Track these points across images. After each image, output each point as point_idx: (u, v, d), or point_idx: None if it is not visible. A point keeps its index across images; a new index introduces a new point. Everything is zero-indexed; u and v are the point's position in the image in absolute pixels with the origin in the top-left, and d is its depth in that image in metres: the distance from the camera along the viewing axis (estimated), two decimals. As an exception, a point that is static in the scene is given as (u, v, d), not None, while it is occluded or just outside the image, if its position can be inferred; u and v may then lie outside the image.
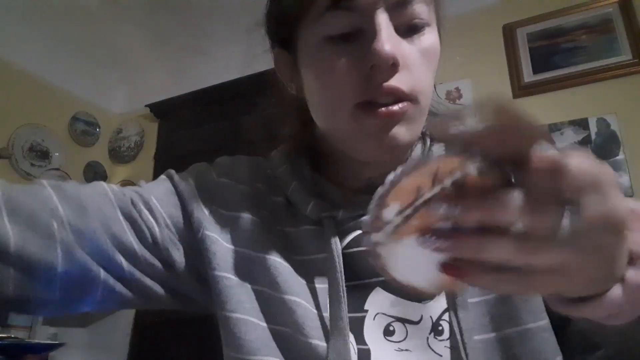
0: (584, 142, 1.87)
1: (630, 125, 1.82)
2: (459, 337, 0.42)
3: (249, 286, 0.47)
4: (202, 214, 0.51)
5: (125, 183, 3.00)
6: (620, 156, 1.80)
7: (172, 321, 2.53)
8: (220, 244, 0.49)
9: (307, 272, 0.48)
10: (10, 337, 1.73)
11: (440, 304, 0.45)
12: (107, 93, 3.15)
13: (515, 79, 2.05)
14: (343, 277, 0.45)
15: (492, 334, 0.44)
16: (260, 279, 0.47)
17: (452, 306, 0.44)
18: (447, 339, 0.44)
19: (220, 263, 0.48)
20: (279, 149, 0.58)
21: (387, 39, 0.41)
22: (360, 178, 0.52)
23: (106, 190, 0.48)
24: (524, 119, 0.23)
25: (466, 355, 0.41)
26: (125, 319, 2.63)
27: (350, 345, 0.44)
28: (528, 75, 2.04)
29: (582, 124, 1.89)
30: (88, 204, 0.45)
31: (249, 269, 0.48)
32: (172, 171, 0.57)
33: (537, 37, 2.08)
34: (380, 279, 0.46)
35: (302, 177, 0.53)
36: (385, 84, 0.42)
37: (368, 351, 0.44)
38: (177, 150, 2.90)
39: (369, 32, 0.42)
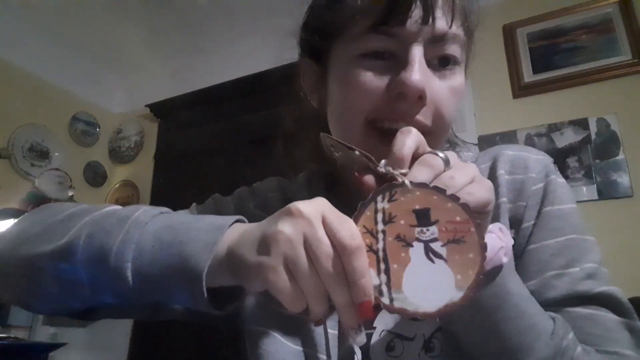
0: (584, 142, 1.87)
1: (630, 125, 1.82)
2: (445, 355, 0.45)
3: (273, 307, 0.51)
4: None
5: (125, 183, 3.00)
6: (620, 156, 1.80)
7: (172, 321, 2.52)
8: None
9: None
10: (10, 337, 1.73)
11: (433, 322, 0.47)
12: (107, 93, 3.15)
13: (515, 79, 2.05)
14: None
15: (482, 352, 0.45)
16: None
17: (445, 325, 0.46)
18: (438, 356, 0.46)
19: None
20: (302, 174, 0.61)
21: (419, 71, 0.43)
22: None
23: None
24: None
25: None
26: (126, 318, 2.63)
27: None
28: (528, 75, 2.04)
29: (582, 124, 1.89)
30: None
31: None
32: (218, 196, 0.62)
33: (537, 37, 2.08)
34: None
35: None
36: (413, 115, 0.44)
37: None
38: (177, 150, 2.90)
39: (402, 59, 0.45)
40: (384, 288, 0.33)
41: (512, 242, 0.39)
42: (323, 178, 0.58)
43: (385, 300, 0.33)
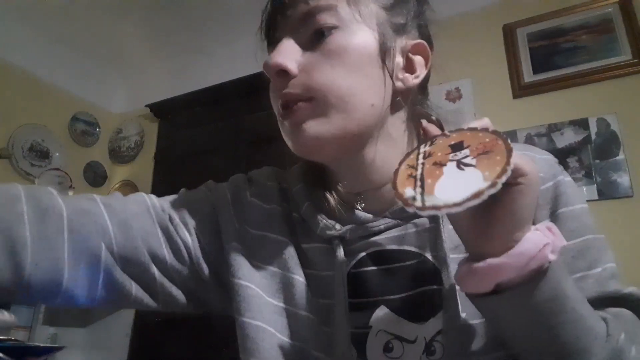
0: (584, 142, 1.87)
1: (630, 125, 1.82)
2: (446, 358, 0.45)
3: (269, 300, 0.51)
4: (233, 227, 0.56)
5: (125, 183, 3.00)
6: (620, 156, 1.80)
7: (172, 321, 2.52)
8: (246, 258, 0.54)
9: (317, 287, 0.51)
10: (10, 340, 1.73)
11: (435, 324, 0.47)
12: (107, 93, 3.15)
13: (515, 79, 2.05)
14: (347, 296, 0.48)
15: (486, 356, 0.45)
16: (278, 294, 0.52)
17: (445, 327, 0.46)
18: (440, 359, 0.46)
19: (246, 273, 0.53)
20: (298, 166, 0.62)
21: (275, 53, 0.49)
22: (349, 192, 0.54)
23: (148, 207, 0.55)
24: None
25: None
26: (125, 319, 2.63)
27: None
28: (528, 75, 2.04)
29: (582, 124, 1.89)
30: (133, 222, 0.52)
31: (269, 284, 0.52)
32: (212, 183, 0.63)
33: (537, 37, 2.08)
34: (385, 297, 0.49)
35: (314, 197, 0.56)
36: (282, 91, 0.49)
37: None
38: (177, 150, 2.90)
39: None
40: (418, 197, 0.35)
41: (564, 242, 0.38)
42: (317, 170, 0.58)
43: (417, 203, 0.34)
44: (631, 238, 1.67)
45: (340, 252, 0.50)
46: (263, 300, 0.51)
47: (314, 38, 0.49)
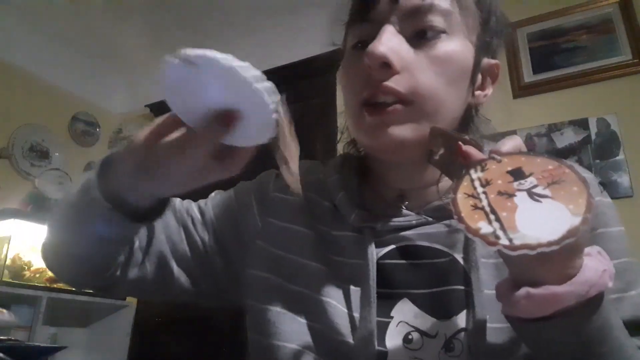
0: (584, 142, 1.87)
1: (630, 125, 1.82)
2: (467, 356, 0.45)
3: (291, 287, 0.53)
4: (254, 226, 0.59)
5: (125, 183, 3.00)
6: (620, 156, 1.80)
7: (172, 321, 2.53)
8: (269, 250, 0.56)
9: (344, 274, 0.52)
10: (10, 340, 1.73)
11: (457, 322, 0.47)
12: (107, 93, 3.15)
13: (515, 79, 2.05)
14: (375, 284, 0.49)
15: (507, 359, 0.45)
16: (301, 282, 0.53)
17: (469, 327, 0.46)
18: (458, 357, 0.46)
19: (269, 265, 0.55)
20: (335, 158, 0.63)
21: (381, 41, 0.45)
22: (392, 188, 0.56)
23: (174, 206, 0.61)
24: None
25: None
26: (125, 319, 2.63)
27: (371, 346, 0.47)
28: (528, 75, 2.04)
29: (582, 124, 1.89)
30: (169, 225, 0.59)
31: (292, 273, 0.54)
32: (240, 185, 0.65)
33: (537, 37, 2.08)
34: (409, 291, 0.50)
35: (349, 188, 0.56)
36: (382, 83, 0.46)
37: (386, 353, 0.47)
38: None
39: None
40: (500, 232, 0.32)
41: (613, 268, 0.37)
42: (355, 162, 0.60)
43: (503, 241, 0.32)
44: (631, 238, 1.67)
45: (372, 242, 0.51)
46: (284, 288, 0.53)
47: (419, 35, 0.47)
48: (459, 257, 0.50)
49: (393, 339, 0.48)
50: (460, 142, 0.40)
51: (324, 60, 0.65)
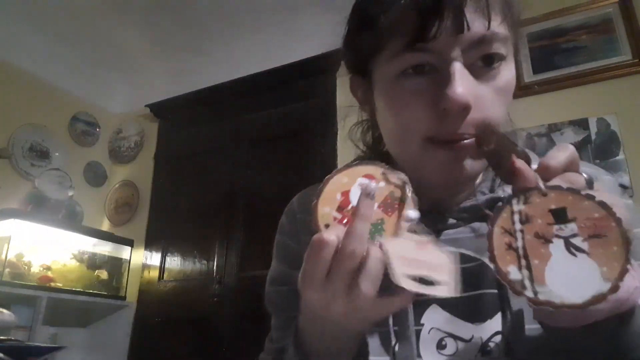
0: (584, 142, 1.87)
1: (630, 125, 1.82)
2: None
3: None
4: (294, 254, 0.60)
5: (125, 183, 3.00)
6: (620, 156, 1.80)
7: (172, 321, 2.53)
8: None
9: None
10: (10, 340, 1.73)
11: (492, 326, 0.47)
12: (107, 93, 3.15)
13: (515, 79, 2.05)
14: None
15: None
16: None
17: (505, 330, 0.46)
18: (496, 359, 0.46)
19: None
20: (355, 160, 0.62)
21: (460, 84, 0.43)
22: (429, 198, 0.54)
23: None
24: None
25: None
26: (125, 319, 2.63)
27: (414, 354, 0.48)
28: (528, 76, 2.04)
29: (582, 124, 1.89)
30: None
31: None
32: (278, 236, 0.66)
33: (537, 37, 2.08)
34: (437, 296, 0.49)
35: None
36: (458, 127, 0.45)
37: None
38: (177, 150, 2.90)
39: (443, 73, 0.45)
40: (527, 282, 0.33)
41: None
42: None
43: (529, 293, 0.32)
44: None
45: None
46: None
47: (481, 64, 0.46)
48: (487, 261, 0.50)
49: (427, 346, 0.48)
50: (513, 155, 0.38)
51: (324, 60, 0.64)
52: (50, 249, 2.43)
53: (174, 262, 2.67)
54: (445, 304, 0.49)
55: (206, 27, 2.62)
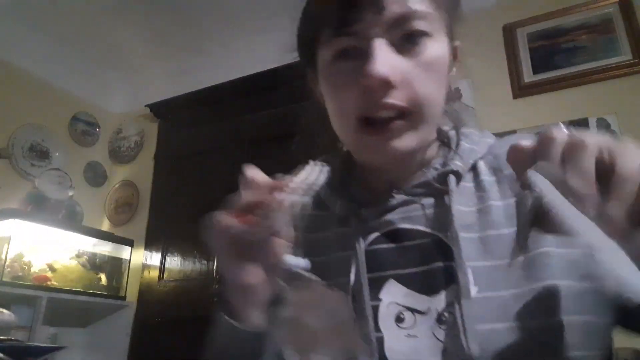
0: (584, 142, 1.86)
1: (630, 125, 1.82)
2: (460, 326, 0.46)
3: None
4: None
5: (125, 183, 3.00)
6: (620, 156, 1.80)
7: (172, 321, 2.53)
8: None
9: (329, 271, 0.53)
10: (10, 340, 1.73)
11: (445, 296, 0.49)
12: (107, 93, 3.15)
13: (515, 79, 2.05)
14: (365, 272, 0.51)
15: (498, 324, 0.45)
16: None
17: (457, 299, 0.47)
18: (451, 329, 0.47)
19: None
20: (325, 155, 0.64)
21: (379, 61, 0.46)
22: (382, 180, 0.57)
23: None
24: None
25: (466, 340, 0.44)
26: (125, 319, 2.63)
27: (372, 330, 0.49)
28: (528, 76, 2.04)
29: (582, 124, 1.89)
30: None
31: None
32: None
33: (537, 37, 2.08)
34: (396, 272, 0.52)
35: (333, 179, 0.57)
36: (383, 100, 0.47)
37: (382, 338, 0.49)
38: (177, 150, 2.90)
39: (366, 53, 0.47)
40: None
41: None
42: (343, 158, 0.61)
43: None
44: (631, 238, 1.67)
45: (359, 231, 0.53)
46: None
47: (404, 41, 0.48)
48: (440, 234, 0.52)
49: (385, 320, 0.50)
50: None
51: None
52: (51, 249, 2.43)
53: (174, 262, 2.67)
54: (401, 278, 0.51)
55: (206, 27, 2.62)
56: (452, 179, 0.52)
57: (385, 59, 0.46)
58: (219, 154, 2.73)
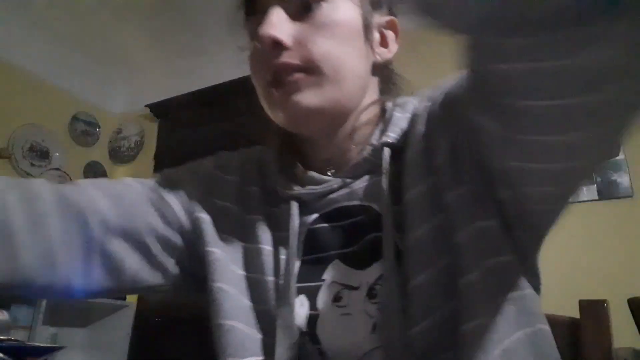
0: (584, 142, 1.87)
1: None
2: (387, 297, 0.46)
3: (232, 267, 0.54)
4: (196, 200, 0.58)
5: (125, 183, 3.01)
6: (620, 156, 1.80)
7: (172, 321, 2.53)
8: (210, 225, 0.56)
9: (281, 245, 0.54)
10: (10, 340, 1.73)
11: (376, 269, 0.49)
12: (107, 93, 3.16)
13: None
14: (295, 252, 0.52)
15: (424, 294, 0.45)
16: (240, 262, 0.55)
17: (386, 271, 0.47)
18: (381, 302, 0.47)
19: (211, 240, 0.54)
20: (272, 136, 0.65)
21: (268, 24, 0.48)
22: (318, 159, 0.57)
23: (132, 183, 0.58)
24: None
25: (395, 314, 0.44)
26: (125, 319, 2.63)
27: (297, 311, 0.49)
28: (528, 75, 2.05)
29: (582, 124, 1.89)
30: (123, 194, 0.55)
31: (232, 252, 0.55)
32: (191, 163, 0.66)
33: (537, 37, 2.09)
34: (338, 251, 0.52)
35: (277, 160, 0.60)
36: (276, 60, 0.49)
37: (317, 316, 0.49)
38: (177, 150, 2.90)
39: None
40: None
41: None
42: (288, 139, 0.61)
43: None
44: (631, 238, 1.67)
45: (295, 212, 0.53)
46: (228, 267, 0.54)
47: (302, 9, 0.50)
48: (374, 205, 0.52)
49: (324, 301, 0.50)
50: None
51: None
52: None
53: (174, 262, 2.68)
54: (344, 257, 0.51)
55: (206, 27, 2.62)
56: (386, 152, 0.52)
57: (274, 22, 0.49)
58: (219, 154, 2.73)
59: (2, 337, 1.68)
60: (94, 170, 3.03)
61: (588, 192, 1.79)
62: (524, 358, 0.42)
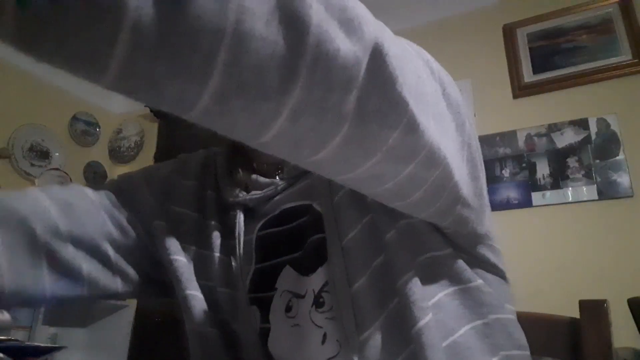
0: (584, 142, 1.87)
1: (630, 125, 1.82)
2: (335, 305, 0.43)
3: (193, 276, 0.53)
4: (152, 204, 0.56)
5: (125, 183, 3.01)
6: (620, 156, 1.80)
7: (172, 321, 2.52)
8: (169, 232, 0.54)
9: (232, 255, 0.52)
10: (10, 340, 1.73)
11: (323, 276, 0.45)
12: (107, 93, 3.12)
13: (515, 79, 2.05)
14: (240, 263, 0.49)
15: (371, 299, 0.43)
16: (199, 271, 0.53)
17: (331, 276, 0.44)
18: (328, 311, 0.44)
19: (172, 247, 0.53)
20: (202, 151, 0.65)
21: None
22: (267, 161, 0.55)
23: (84, 190, 0.55)
24: None
25: (342, 321, 0.42)
26: (125, 319, 2.63)
27: (252, 325, 0.47)
28: (528, 75, 2.04)
29: (582, 124, 1.89)
30: (74, 201, 0.52)
31: (191, 260, 0.53)
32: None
33: (537, 37, 2.08)
34: (290, 257, 0.49)
35: (223, 165, 0.58)
36: None
37: (268, 330, 0.47)
38: (177, 150, 2.89)
39: None
40: None
41: None
42: (227, 151, 0.60)
43: None
44: (631, 238, 1.67)
45: (240, 220, 0.52)
46: (191, 276, 0.52)
47: None
48: (315, 205, 0.49)
49: (276, 312, 0.47)
50: None
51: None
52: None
53: (174, 262, 2.68)
54: (292, 262, 0.49)
55: (206, 27, 2.62)
56: None
57: None
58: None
59: (2, 337, 1.68)
60: (94, 170, 3.03)
61: (588, 192, 1.80)
62: (473, 353, 0.41)
